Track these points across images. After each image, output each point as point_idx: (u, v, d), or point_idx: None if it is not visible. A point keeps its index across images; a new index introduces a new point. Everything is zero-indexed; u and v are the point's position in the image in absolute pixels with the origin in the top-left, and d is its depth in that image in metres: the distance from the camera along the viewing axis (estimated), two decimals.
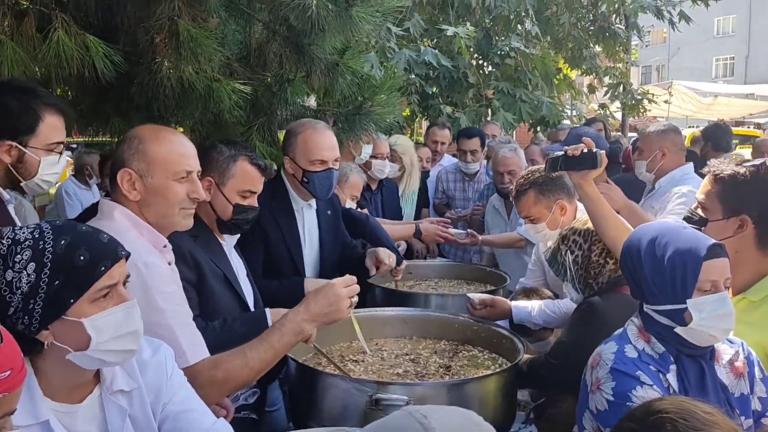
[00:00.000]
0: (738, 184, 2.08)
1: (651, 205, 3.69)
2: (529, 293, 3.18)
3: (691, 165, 3.75)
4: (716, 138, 6.56)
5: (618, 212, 2.68)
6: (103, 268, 1.39)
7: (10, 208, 2.20)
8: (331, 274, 3.14)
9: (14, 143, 2.08)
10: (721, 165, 2.15)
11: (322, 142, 2.94)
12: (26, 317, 1.33)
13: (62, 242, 1.37)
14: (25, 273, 1.32)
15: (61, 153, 2.18)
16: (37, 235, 1.37)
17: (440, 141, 5.73)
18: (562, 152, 2.52)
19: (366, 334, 2.72)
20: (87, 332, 1.37)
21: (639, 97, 10.06)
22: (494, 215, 4.50)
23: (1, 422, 1.12)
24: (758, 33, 39.61)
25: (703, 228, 2.13)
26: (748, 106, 20.25)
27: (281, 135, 3.27)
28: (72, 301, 1.36)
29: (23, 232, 1.38)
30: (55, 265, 1.34)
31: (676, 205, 3.42)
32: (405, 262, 3.52)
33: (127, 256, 1.48)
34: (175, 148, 1.99)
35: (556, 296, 3.17)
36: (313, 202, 3.12)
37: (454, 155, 6.01)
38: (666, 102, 13.57)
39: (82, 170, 7.28)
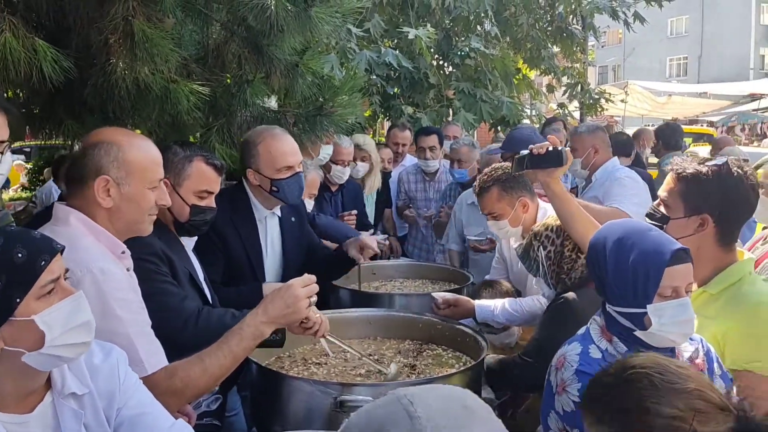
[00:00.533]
0: (700, 183, 2.10)
1: (594, 196, 3.95)
2: (489, 285, 3.20)
3: (616, 158, 4.24)
4: (667, 137, 6.93)
5: None
6: (43, 263, 1.36)
7: None
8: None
9: None
10: (684, 163, 2.17)
11: (285, 147, 2.91)
12: None
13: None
14: None
15: (2, 152, 2.09)
16: None
17: (401, 142, 5.75)
18: (528, 151, 2.56)
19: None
20: (39, 329, 1.34)
21: (596, 97, 10.21)
22: (472, 211, 4.53)
23: None
24: (711, 33, 40.68)
25: (664, 226, 2.16)
26: (701, 105, 20.80)
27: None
28: (18, 300, 1.33)
29: None
30: None
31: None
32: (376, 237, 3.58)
33: (62, 249, 1.45)
34: (150, 157, 1.97)
35: (518, 292, 3.20)
36: (277, 209, 3.09)
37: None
38: (622, 101, 13.83)
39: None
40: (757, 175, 2.30)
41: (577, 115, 12.01)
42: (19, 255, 1.34)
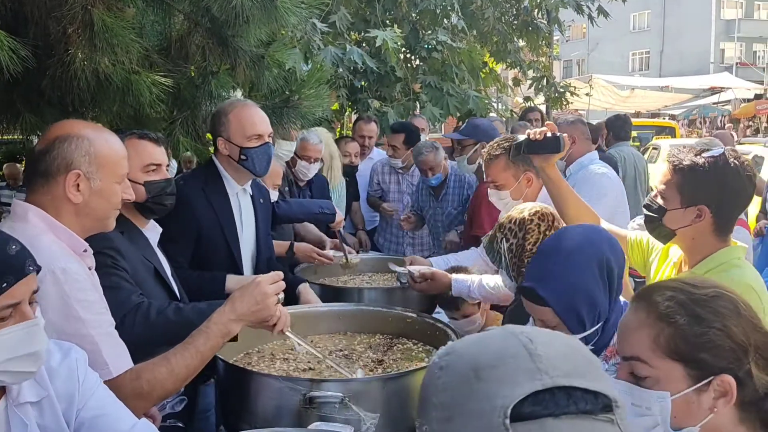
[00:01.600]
0: (697, 174, 2.10)
1: None
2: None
3: (595, 152, 4.17)
4: (616, 128, 7.12)
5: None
6: (4, 285, 1.30)
7: None
8: (267, 263, 3.10)
9: None
10: (680, 155, 2.16)
11: (255, 117, 2.91)
12: None
13: None
14: None
15: None
16: None
17: (367, 135, 5.72)
18: (525, 136, 2.58)
19: (300, 330, 2.67)
20: None
21: (562, 90, 10.32)
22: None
23: None
24: (672, 28, 41.45)
25: (662, 217, 2.18)
26: (663, 98, 21.20)
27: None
28: None
29: None
30: None
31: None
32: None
33: (38, 270, 1.38)
34: (118, 151, 1.93)
35: None
36: (247, 187, 3.05)
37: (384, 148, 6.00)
38: (587, 95, 14.00)
39: None
40: None
41: (543, 108, 12.12)
42: None
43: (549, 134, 2.52)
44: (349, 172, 5.28)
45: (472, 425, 0.78)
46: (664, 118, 21.79)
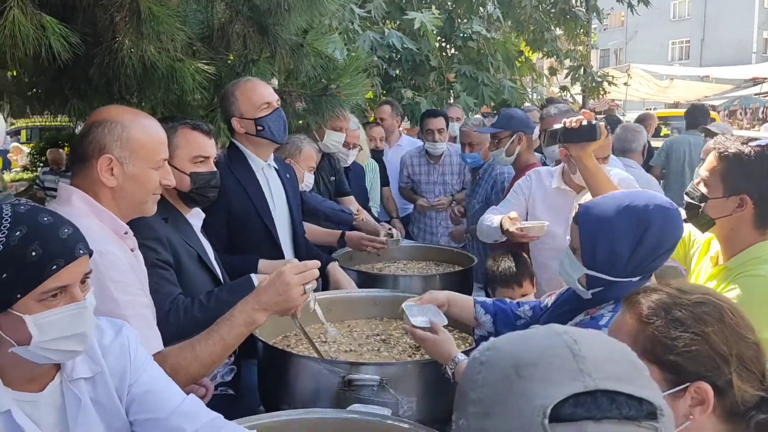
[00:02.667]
0: (742, 163, 2.08)
1: None
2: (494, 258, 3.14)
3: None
4: (691, 117, 7.10)
5: None
6: (54, 267, 1.33)
7: None
8: (302, 239, 3.14)
9: None
10: (726, 143, 2.14)
11: (260, 86, 2.92)
12: None
13: (17, 233, 1.30)
14: None
15: None
16: None
17: (379, 116, 5.69)
18: (561, 125, 2.55)
19: (337, 316, 2.72)
20: (28, 329, 1.31)
21: (599, 80, 10.19)
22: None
23: None
24: (713, 16, 40.45)
25: (702, 204, 2.15)
26: (703, 89, 20.71)
27: None
28: (18, 296, 1.30)
29: None
30: (5, 258, 1.28)
31: None
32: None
33: (90, 253, 1.42)
34: (155, 136, 1.94)
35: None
36: (271, 161, 3.07)
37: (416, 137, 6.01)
38: (625, 84, 13.78)
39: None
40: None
41: (579, 99, 11.98)
42: (33, 254, 1.31)
43: (585, 122, 2.50)
44: (377, 156, 5.31)
45: (509, 423, 0.76)
46: (695, 104, 21.31)
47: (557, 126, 2.58)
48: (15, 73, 3.21)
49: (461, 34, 7.81)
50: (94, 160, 1.85)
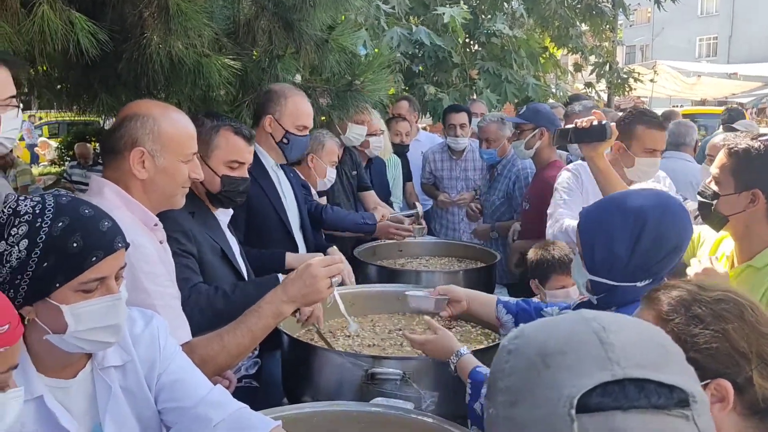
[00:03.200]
0: (752, 158, 2.07)
1: None
2: (543, 247, 3.00)
3: None
4: (729, 118, 7.09)
5: None
6: (94, 259, 1.36)
7: None
8: (310, 233, 3.17)
9: None
10: (736, 139, 2.15)
11: (308, 109, 3.00)
12: (12, 291, 1.31)
13: (60, 224, 1.33)
14: (16, 248, 1.30)
15: (18, 107, 2.04)
16: (37, 211, 1.33)
17: (397, 113, 5.57)
18: (572, 125, 2.56)
19: (360, 310, 2.74)
20: (64, 319, 1.34)
21: (624, 76, 10.08)
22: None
23: (4, 377, 1.12)
24: (741, 12, 39.74)
25: (715, 202, 2.14)
26: (731, 86, 20.37)
27: None
28: (57, 285, 1.33)
29: (26, 204, 1.34)
30: (47, 247, 1.31)
31: None
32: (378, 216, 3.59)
33: (126, 246, 1.45)
34: (185, 130, 1.98)
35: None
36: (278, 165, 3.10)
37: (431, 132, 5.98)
38: (651, 81, 13.61)
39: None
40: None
41: (604, 95, 11.87)
42: (74, 244, 1.33)
43: (595, 123, 2.50)
44: (401, 151, 5.31)
45: (536, 412, 0.75)
46: (732, 106, 21.00)
47: (569, 126, 2.59)
48: (45, 69, 3.27)
49: (485, 31, 7.77)
50: (126, 153, 1.89)
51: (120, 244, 1.42)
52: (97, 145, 8.42)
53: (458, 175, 5.23)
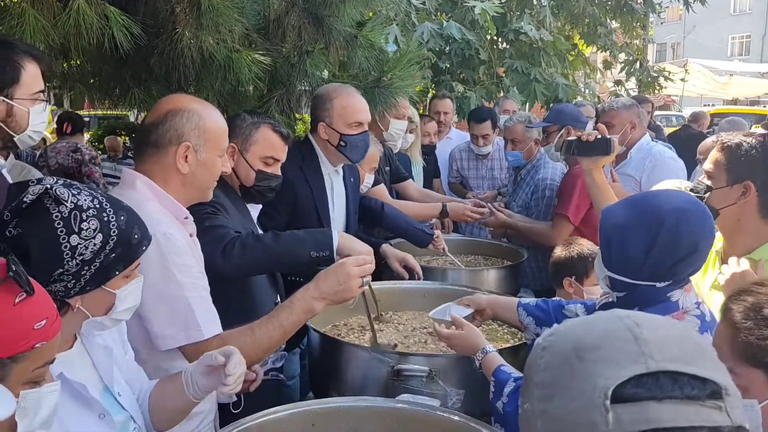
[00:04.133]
0: (744, 152, 2.15)
1: (628, 174, 3.92)
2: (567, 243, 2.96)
3: (647, 134, 4.15)
4: None
5: None
6: (143, 248, 1.48)
7: (4, 172, 2.16)
8: None
9: (2, 97, 2.00)
10: (729, 135, 2.23)
11: (358, 104, 2.97)
12: (72, 281, 1.36)
13: (122, 218, 1.42)
14: (92, 242, 1.36)
15: (45, 101, 2.11)
16: (98, 205, 1.40)
17: (442, 111, 5.62)
18: (575, 137, 2.61)
19: (386, 307, 2.74)
20: (113, 302, 1.45)
21: (655, 75, 9.94)
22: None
23: (40, 371, 1.14)
24: None
25: (707, 195, 2.18)
26: (763, 86, 19.99)
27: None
28: (117, 273, 1.43)
29: (84, 199, 1.39)
30: (119, 239, 1.40)
31: None
32: (437, 232, 3.52)
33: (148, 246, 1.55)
34: (222, 125, 2.03)
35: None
36: (340, 168, 3.13)
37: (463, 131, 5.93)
38: (682, 80, 13.41)
39: None
40: None
41: (634, 94, 11.71)
42: (135, 236, 1.45)
43: (599, 136, 2.54)
44: (428, 151, 5.29)
45: (572, 404, 0.77)
46: (764, 106, 20.63)
47: (573, 137, 2.63)
48: (78, 63, 3.31)
49: (513, 29, 7.71)
50: (171, 148, 1.92)
51: (144, 249, 1.52)
52: (128, 138, 8.52)
53: (484, 174, 5.18)
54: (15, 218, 1.33)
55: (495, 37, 8.15)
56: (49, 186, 1.34)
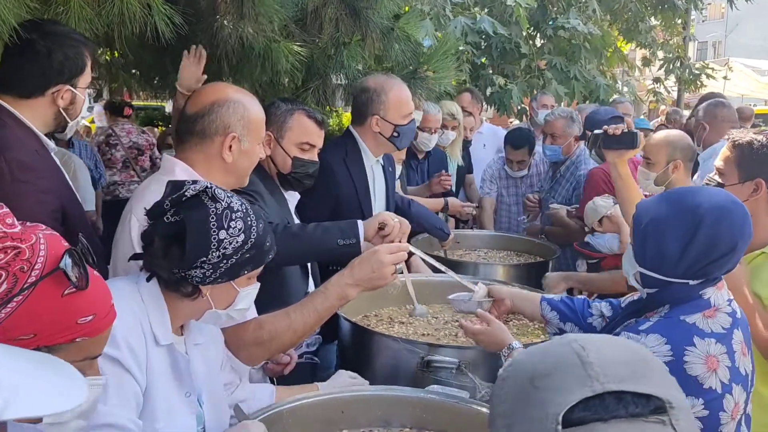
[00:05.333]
0: (754, 149, 2.22)
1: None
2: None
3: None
4: None
5: None
6: (270, 256, 1.62)
7: (54, 156, 2.20)
8: None
9: (69, 86, 2.09)
10: (740, 134, 2.29)
11: (407, 94, 3.02)
12: (210, 270, 1.50)
13: (261, 225, 1.57)
14: (235, 239, 1.51)
15: (91, 90, 2.19)
16: (245, 210, 1.55)
17: (462, 105, 5.43)
18: (602, 130, 2.65)
19: (418, 299, 2.74)
20: (234, 300, 1.60)
21: (696, 72, 9.74)
22: None
23: (82, 365, 1.13)
24: None
25: None
26: None
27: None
28: (245, 272, 1.57)
29: (235, 202, 1.55)
30: (255, 242, 1.54)
31: None
32: (453, 233, 3.52)
33: None
34: (262, 115, 2.07)
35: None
36: (381, 158, 3.14)
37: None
38: (724, 78, 13.12)
39: None
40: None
41: (673, 92, 11.52)
42: (268, 243, 1.59)
43: (626, 130, 2.59)
44: (463, 146, 5.25)
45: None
46: None
47: (599, 131, 2.68)
48: (119, 54, 3.38)
49: (551, 23, 7.62)
50: (217, 138, 1.96)
51: (274, 252, 1.68)
52: (164, 129, 8.65)
53: (524, 191, 4.81)
54: (174, 207, 1.50)
55: (532, 33, 8.07)
56: (208, 186, 1.52)
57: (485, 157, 5.29)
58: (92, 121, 10.90)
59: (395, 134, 2.95)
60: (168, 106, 8.39)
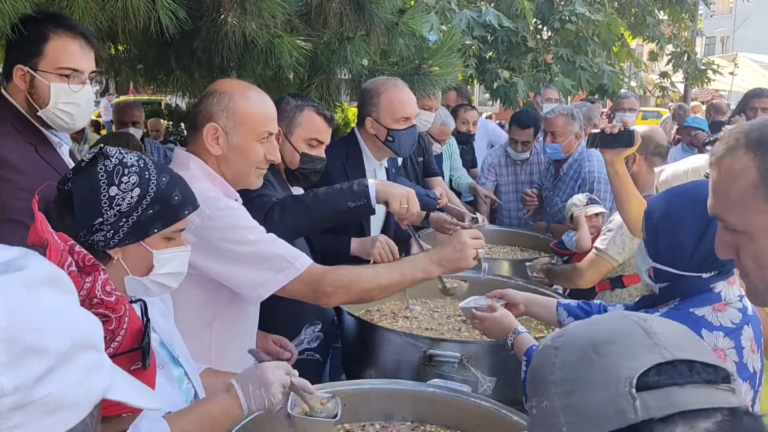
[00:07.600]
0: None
1: None
2: None
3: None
4: None
5: None
6: (185, 212, 1.52)
7: (63, 151, 2.15)
8: (392, 232, 3.14)
9: (26, 67, 2.01)
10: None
11: (406, 98, 2.95)
12: (111, 232, 1.42)
13: (164, 179, 1.48)
14: (129, 194, 1.42)
15: (83, 83, 2.07)
16: (142, 165, 1.46)
17: (471, 121, 5.36)
18: (600, 129, 2.64)
19: (418, 293, 2.76)
20: (152, 262, 1.49)
21: (703, 68, 9.69)
22: None
23: None
24: None
25: None
26: None
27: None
28: (155, 231, 1.47)
29: (130, 158, 1.46)
30: (156, 197, 1.45)
31: None
32: (486, 222, 3.49)
33: (197, 208, 1.58)
34: (261, 110, 2.02)
35: None
36: (385, 161, 3.12)
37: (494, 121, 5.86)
38: (731, 74, 13.04)
39: None
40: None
41: (680, 87, 11.45)
42: (176, 197, 1.49)
43: (623, 129, 2.57)
44: (465, 140, 5.24)
45: (596, 396, 0.81)
46: None
47: (597, 130, 2.68)
48: (124, 48, 3.38)
49: (558, 16, 7.58)
50: (202, 128, 1.95)
51: (197, 204, 1.57)
52: (170, 122, 8.65)
53: (523, 179, 4.89)
54: (73, 175, 1.44)
55: (539, 26, 8.04)
56: (103, 146, 1.45)
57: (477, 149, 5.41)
58: (99, 116, 10.91)
59: (389, 139, 2.92)
60: (170, 100, 8.37)
